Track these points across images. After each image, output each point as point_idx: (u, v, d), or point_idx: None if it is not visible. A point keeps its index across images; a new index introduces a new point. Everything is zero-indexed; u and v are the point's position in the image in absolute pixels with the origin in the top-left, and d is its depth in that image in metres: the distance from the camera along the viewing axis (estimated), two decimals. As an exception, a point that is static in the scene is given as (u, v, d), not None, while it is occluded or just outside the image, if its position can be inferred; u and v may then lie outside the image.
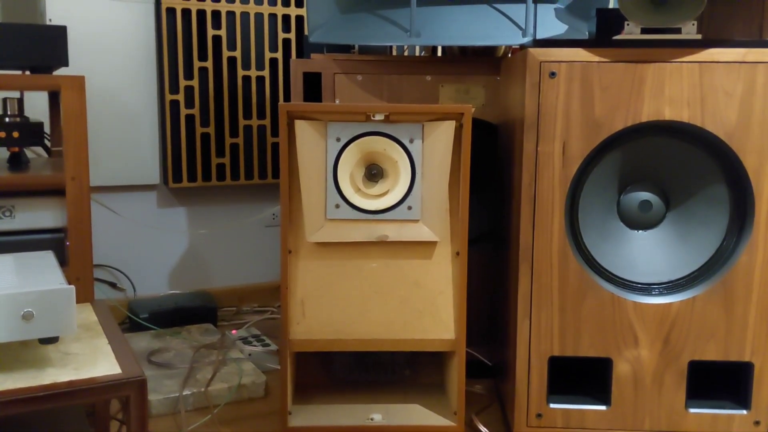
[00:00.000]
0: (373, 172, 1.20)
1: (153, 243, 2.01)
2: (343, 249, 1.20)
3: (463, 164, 1.19)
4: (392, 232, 1.19)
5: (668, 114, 1.13)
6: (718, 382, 1.24)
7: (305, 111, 1.16)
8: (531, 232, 1.16)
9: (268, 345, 1.62)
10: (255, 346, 1.62)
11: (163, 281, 2.04)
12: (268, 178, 2.06)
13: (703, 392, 1.22)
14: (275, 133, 2.06)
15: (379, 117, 1.17)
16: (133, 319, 1.80)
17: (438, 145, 1.18)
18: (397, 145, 1.19)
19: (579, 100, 1.13)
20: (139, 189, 1.99)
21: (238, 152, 2.02)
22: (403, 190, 1.20)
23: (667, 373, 1.18)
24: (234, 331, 1.73)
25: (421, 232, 1.19)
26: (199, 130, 1.97)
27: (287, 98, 2.07)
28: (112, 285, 1.99)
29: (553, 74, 1.13)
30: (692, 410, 1.18)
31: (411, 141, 1.19)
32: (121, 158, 1.93)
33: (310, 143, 1.17)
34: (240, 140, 2.01)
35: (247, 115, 2.02)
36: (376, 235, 1.19)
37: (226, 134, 2.00)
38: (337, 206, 1.19)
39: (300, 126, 1.16)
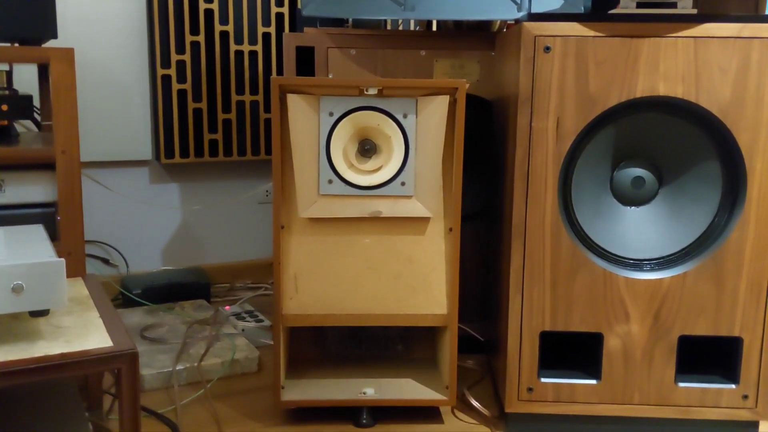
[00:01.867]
0: (366, 148, 1.19)
1: (145, 219, 2.01)
2: (336, 224, 1.20)
3: (457, 140, 1.18)
4: (385, 207, 1.19)
5: (663, 90, 1.12)
6: (706, 356, 1.25)
7: (298, 85, 1.15)
8: (524, 208, 1.16)
9: (261, 321, 1.63)
10: (248, 321, 1.63)
11: (156, 257, 2.03)
12: (261, 154, 2.05)
13: (692, 367, 1.23)
14: (268, 108, 2.05)
15: (372, 91, 1.16)
16: (125, 295, 1.80)
17: (432, 120, 1.17)
18: (390, 120, 1.18)
19: (573, 75, 1.13)
20: (131, 165, 1.98)
21: (231, 128, 2.00)
22: (396, 165, 1.19)
23: (657, 348, 1.19)
24: (227, 307, 1.74)
25: (414, 207, 1.19)
26: (191, 105, 1.95)
27: (280, 73, 2.05)
28: (105, 261, 1.98)
29: (547, 49, 1.12)
30: (681, 384, 1.19)
31: (405, 116, 1.18)
32: (112, 133, 1.92)
33: (303, 118, 1.16)
34: (233, 116, 2.00)
35: (240, 91, 2.00)
36: (369, 210, 1.19)
37: (218, 110, 1.98)
38: (330, 182, 1.19)
39: (292, 100, 1.15)
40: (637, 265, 1.19)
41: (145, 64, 1.92)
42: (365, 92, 1.16)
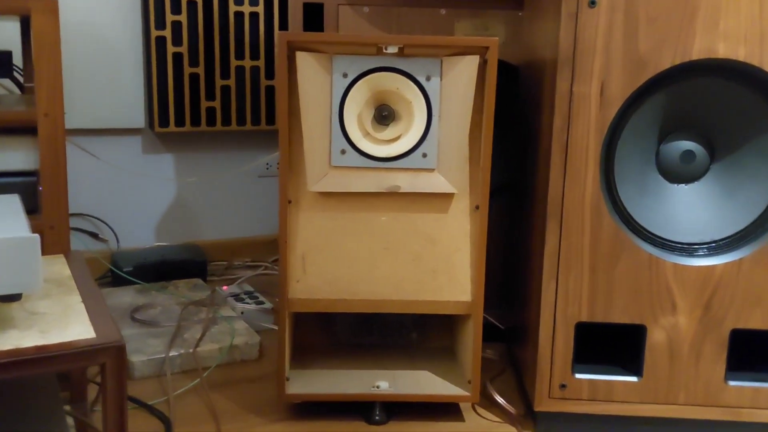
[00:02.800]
0: (384, 114, 1.06)
1: (138, 191, 1.87)
2: (349, 200, 1.07)
3: (487, 106, 1.05)
4: (405, 182, 1.06)
5: (722, 51, 0.99)
6: (759, 352, 1.13)
7: (308, 41, 1.02)
8: (561, 184, 1.03)
9: (262, 303, 1.50)
10: (248, 303, 1.50)
11: (149, 233, 1.90)
12: (262, 124, 1.91)
13: (743, 364, 1.11)
14: (270, 75, 1.90)
15: (392, 50, 1.02)
16: (115, 273, 1.67)
17: (459, 83, 1.04)
18: (411, 83, 1.04)
19: (621, 34, 0.99)
20: (122, 133, 1.84)
21: (230, 95, 1.86)
22: (417, 134, 1.06)
23: (707, 343, 1.07)
24: (225, 288, 1.61)
25: (437, 182, 1.06)
26: (187, 70, 1.81)
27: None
28: (94, 236, 1.85)
29: (593, 3, 0.98)
30: (732, 383, 1.08)
31: (428, 79, 1.05)
32: (102, 99, 1.77)
33: (313, 79, 1.03)
34: (232, 82, 1.86)
35: (240, 55, 1.86)
36: (386, 185, 1.05)
37: (216, 75, 1.84)
38: (343, 152, 1.06)
39: (302, 58, 1.02)
40: (687, 249, 1.06)
41: (138, 24, 1.78)
42: (384, 50, 1.02)
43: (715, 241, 1.06)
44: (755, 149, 1.04)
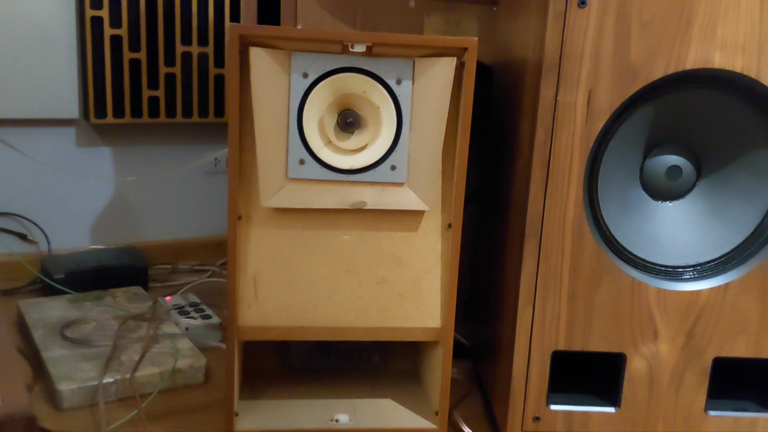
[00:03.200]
0: (349, 121, 0.95)
1: (71, 188, 1.71)
2: (307, 216, 0.96)
3: (463, 114, 0.95)
4: (371, 197, 0.95)
5: (718, 61, 0.91)
6: (739, 380, 1.08)
7: (263, 36, 0.89)
8: (542, 202, 0.94)
9: (209, 317, 1.38)
10: (193, 317, 1.38)
11: (84, 234, 1.75)
12: (210, 116, 1.77)
13: (723, 392, 1.05)
14: (219, 63, 1.76)
15: (359, 48, 0.91)
16: (45, 281, 1.52)
17: (433, 88, 0.93)
18: (380, 86, 0.94)
19: (612, 38, 0.90)
20: (53, 124, 1.67)
21: (175, 84, 1.71)
22: (385, 144, 0.95)
23: (688, 371, 1.00)
24: (168, 298, 1.48)
25: (407, 198, 0.96)
26: (127, 55, 1.65)
27: (236, 21, 1.76)
28: (22, 237, 1.69)
29: (582, 2, 0.89)
30: (712, 413, 1.01)
31: (398, 82, 0.94)
32: (29, 86, 1.60)
33: (269, 78, 0.91)
34: (177, 70, 1.71)
35: (186, 40, 1.71)
36: (350, 201, 0.95)
37: (160, 62, 1.69)
38: (302, 162, 0.94)
39: (256, 55, 0.89)
40: (671, 273, 0.99)
41: (72, 1, 1.61)
42: (350, 49, 0.91)
43: (700, 264, 0.99)
44: (744, 166, 0.98)
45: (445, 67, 0.92)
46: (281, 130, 0.93)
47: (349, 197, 0.95)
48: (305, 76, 0.92)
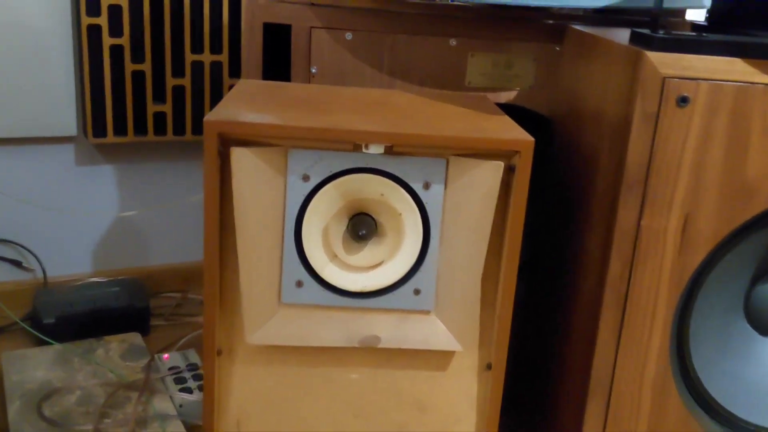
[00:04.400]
0: (361, 233, 0.73)
1: (70, 212, 1.54)
2: (305, 350, 0.75)
3: (512, 228, 0.72)
4: (387, 329, 0.74)
5: None
6: None
7: (249, 133, 0.67)
8: (613, 353, 0.72)
9: (206, 392, 1.20)
10: (189, 388, 1.21)
11: (84, 260, 1.58)
12: (225, 131, 1.56)
13: None
14: (235, 72, 1.55)
15: (375, 150, 0.68)
16: (36, 321, 1.37)
17: (472, 196, 0.70)
18: (402, 190, 0.71)
19: (723, 147, 0.65)
20: (49, 142, 1.50)
21: (184, 97, 1.51)
22: (408, 261, 0.73)
23: None
24: (166, 357, 1.31)
25: (434, 333, 0.74)
26: (129, 66, 1.45)
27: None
28: (17, 264, 1.53)
29: (683, 100, 0.64)
30: None
31: (426, 186, 0.71)
32: (23, 102, 1.42)
33: (258, 184, 0.69)
34: (186, 81, 1.50)
35: (197, 48, 1.49)
36: (359, 337, 0.73)
37: (167, 73, 1.48)
38: (300, 284, 0.73)
39: (240, 158, 0.68)
40: (777, 440, 0.76)
41: (67, 8, 1.40)
42: (364, 150, 0.68)
43: (818, 431, 0.76)
44: None
45: (491, 172, 0.69)
46: (273, 245, 0.71)
47: (359, 329, 0.74)
48: (306, 179, 0.70)
